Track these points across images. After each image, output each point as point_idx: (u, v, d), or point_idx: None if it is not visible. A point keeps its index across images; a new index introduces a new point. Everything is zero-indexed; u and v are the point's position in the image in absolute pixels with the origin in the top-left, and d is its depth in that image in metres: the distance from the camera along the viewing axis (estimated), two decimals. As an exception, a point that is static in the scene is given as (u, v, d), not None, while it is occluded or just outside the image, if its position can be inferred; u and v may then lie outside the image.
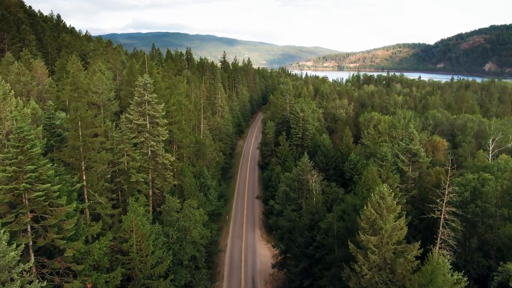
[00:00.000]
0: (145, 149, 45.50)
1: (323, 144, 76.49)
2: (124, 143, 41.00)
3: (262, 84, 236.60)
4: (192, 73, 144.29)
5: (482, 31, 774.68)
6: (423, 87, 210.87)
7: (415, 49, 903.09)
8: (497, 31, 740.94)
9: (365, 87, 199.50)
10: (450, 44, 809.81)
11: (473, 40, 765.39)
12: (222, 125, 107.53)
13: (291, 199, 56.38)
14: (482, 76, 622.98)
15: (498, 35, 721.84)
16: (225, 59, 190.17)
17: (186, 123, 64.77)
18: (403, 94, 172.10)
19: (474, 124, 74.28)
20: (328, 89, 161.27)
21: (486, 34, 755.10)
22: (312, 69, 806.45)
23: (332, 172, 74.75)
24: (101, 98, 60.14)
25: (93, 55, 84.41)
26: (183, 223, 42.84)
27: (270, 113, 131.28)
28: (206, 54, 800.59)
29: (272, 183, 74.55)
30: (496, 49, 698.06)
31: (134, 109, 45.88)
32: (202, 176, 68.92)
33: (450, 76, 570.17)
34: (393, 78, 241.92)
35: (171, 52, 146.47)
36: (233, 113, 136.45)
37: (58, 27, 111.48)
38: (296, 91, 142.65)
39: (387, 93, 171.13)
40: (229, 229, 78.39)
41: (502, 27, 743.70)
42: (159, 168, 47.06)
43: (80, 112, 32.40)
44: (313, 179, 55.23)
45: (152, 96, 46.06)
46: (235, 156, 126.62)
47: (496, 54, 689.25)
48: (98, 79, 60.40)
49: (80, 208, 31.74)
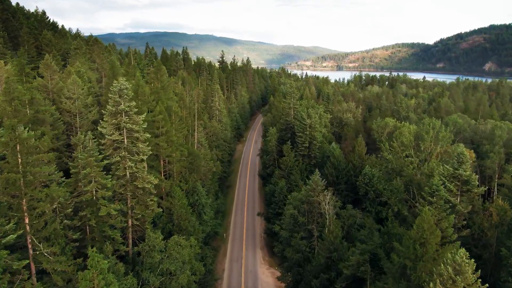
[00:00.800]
0: (121, 171, 36.15)
1: (332, 154, 67.29)
2: (91, 166, 31.68)
3: (262, 85, 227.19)
4: (188, 74, 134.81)
5: (481, 30, 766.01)
6: (429, 88, 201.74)
7: (414, 49, 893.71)
8: (497, 30, 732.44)
9: (369, 88, 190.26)
10: (450, 44, 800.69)
11: (472, 40, 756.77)
12: (219, 130, 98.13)
13: (300, 224, 47.25)
14: (482, 76, 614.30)
15: (498, 34, 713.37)
16: (223, 59, 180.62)
17: (177, 133, 55.51)
18: (409, 96, 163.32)
19: (503, 132, 65.06)
20: (331, 91, 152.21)
21: (485, 33, 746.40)
22: (311, 69, 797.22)
23: (343, 187, 65.57)
24: (75, 105, 50.74)
25: (74, 54, 74.76)
26: (167, 266, 33.59)
27: (271, 117, 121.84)
28: (205, 54, 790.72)
29: (276, 199, 65.38)
30: (495, 49, 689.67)
31: (108, 121, 36.54)
32: (196, 193, 59.67)
33: (450, 75, 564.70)
34: (396, 79, 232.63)
35: (166, 51, 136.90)
36: (231, 116, 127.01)
37: (41, 23, 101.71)
38: (297, 93, 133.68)
39: (393, 94, 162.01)
40: (227, 250, 69.03)
41: (502, 27, 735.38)
42: (140, 193, 37.75)
43: (18, 132, 23.09)
44: (326, 201, 46.14)
45: (130, 105, 36.69)
46: (234, 162, 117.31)
47: (496, 54, 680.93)
48: (73, 82, 50.99)
49: (17, 267, 22.49)
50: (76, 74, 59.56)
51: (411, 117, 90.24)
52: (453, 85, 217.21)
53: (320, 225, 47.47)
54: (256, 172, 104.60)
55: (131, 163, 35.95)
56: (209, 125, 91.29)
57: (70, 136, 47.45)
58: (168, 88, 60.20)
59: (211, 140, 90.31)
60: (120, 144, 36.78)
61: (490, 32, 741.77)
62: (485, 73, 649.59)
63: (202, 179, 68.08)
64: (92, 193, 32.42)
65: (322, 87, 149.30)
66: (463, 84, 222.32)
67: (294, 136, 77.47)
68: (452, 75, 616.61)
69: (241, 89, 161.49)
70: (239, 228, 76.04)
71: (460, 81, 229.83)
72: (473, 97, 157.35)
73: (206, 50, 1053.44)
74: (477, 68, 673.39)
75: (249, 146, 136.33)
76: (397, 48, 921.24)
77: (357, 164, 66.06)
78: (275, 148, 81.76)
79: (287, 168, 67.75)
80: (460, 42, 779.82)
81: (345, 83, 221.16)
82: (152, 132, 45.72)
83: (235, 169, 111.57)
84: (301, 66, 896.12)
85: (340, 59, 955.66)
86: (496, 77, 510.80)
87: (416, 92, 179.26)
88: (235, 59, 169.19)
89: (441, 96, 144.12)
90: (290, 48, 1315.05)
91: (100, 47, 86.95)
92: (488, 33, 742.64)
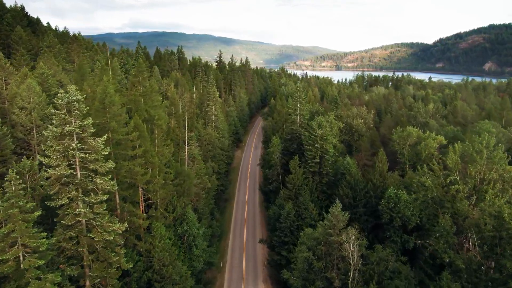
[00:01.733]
0: (69, 220, 25.06)
1: (348, 172, 56.27)
2: (14, 221, 20.63)
3: (261, 85, 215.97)
4: (182, 75, 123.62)
5: (481, 30, 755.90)
6: (438, 89, 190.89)
7: (413, 49, 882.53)
8: (496, 30, 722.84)
9: (374, 90, 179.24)
10: (449, 44, 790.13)
11: (472, 40, 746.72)
12: (216, 138, 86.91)
13: (316, 271, 36.41)
14: (482, 76, 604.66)
15: (497, 34, 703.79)
16: (221, 59, 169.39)
17: (161, 150, 44.49)
18: (418, 98, 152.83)
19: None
20: (336, 92, 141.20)
21: (485, 33, 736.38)
22: (310, 69, 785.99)
23: (362, 211, 54.59)
24: (29, 118, 39.59)
25: (44, 53, 63.40)
26: None
27: (273, 122, 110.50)
28: (203, 54, 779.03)
29: (282, 225, 54.35)
30: (495, 49, 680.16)
31: (53, 147, 25.47)
32: (186, 221, 48.66)
33: (450, 75, 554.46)
34: (400, 79, 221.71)
35: (160, 51, 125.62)
36: (229, 120, 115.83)
37: (17, 19, 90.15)
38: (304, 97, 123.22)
39: (402, 96, 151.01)
40: (223, 282, 58.07)
41: (501, 26, 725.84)
42: (99, 246, 26.73)
43: None
44: (351, 242, 35.31)
45: (84, 124, 25.64)
46: (232, 172, 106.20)
47: (495, 54, 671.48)
48: (27, 88, 39.81)
49: None
50: (39, 77, 48.35)
51: (431, 124, 79.31)
52: (461, 86, 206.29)
53: (342, 272, 36.64)
54: (257, 184, 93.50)
55: (84, 208, 24.85)
56: (204, 133, 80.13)
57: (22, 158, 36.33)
58: (152, 93, 49.02)
59: (206, 150, 79.18)
60: (71, 179, 25.70)
61: (489, 31, 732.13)
62: (485, 73, 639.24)
63: (194, 201, 57.04)
64: (20, 259, 21.37)
65: (326, 89, 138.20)
66: (471, 85, 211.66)
67: (301, 148, 66.40)
68: (452, 75, 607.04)
69: (240, 91, 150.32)
70: (237, 254, 64.99)
71: (467, 82, 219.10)
72: (486, 99, 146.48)
73: (205, 50, 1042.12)
74: (476, 68, 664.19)
75: (248, 152, 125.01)
76: (396, 48, 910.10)
77: (378, 184, 55.13)
78: (279, 161, 70.66)
79: (294, 187, 56.68)
80: (460, 42, 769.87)
81: (347, 84, 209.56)
82: (124, 154, 34.61)
83: (233, 179, 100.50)
84: (300, 66, 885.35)
85: (339, 59, 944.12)
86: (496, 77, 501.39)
87: (426, 94, 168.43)
88: (234, 59, 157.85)
89: (454, 98, 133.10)
90: (289, 48, 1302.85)
91: (80, 45, 75.65)
92: (487, 32, 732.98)
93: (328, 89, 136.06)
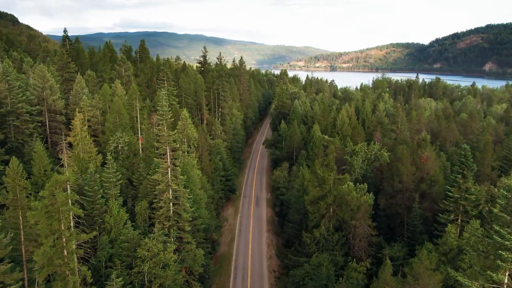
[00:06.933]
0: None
1: None
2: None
3: (259, 93, 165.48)
4: (138, 84, 72.90)
5: (478, 30, 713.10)
6: (487, 97, 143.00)
7: (409, 49, 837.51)
8: (495, 30, 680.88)
9: (423, 103, 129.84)
10: (446, 44, 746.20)
11: (470, 40, 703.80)
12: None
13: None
14: (483, 77, 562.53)
15: (496, 34, 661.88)
16: (205, 59, 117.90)
17: None
18: (480, 113, 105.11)
19: None
20: (369, 108, 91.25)
21: (483, 33, 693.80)
22: (304, 69, 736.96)
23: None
24: None
25: None
26: None
27: (286, 169, 59.98)
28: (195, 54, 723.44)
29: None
30: (495, 49, 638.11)
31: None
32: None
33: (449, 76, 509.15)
34: (432, 85, 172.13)
35: (93, 48, 74.32)
36: (211, 175, 64.03)
37: None
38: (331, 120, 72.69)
39: (470, 114, 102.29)
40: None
41: (500, 26, 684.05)
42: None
43: None
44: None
45: None
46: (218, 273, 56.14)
47: (495, 54, 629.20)
48: None
49: None
50: None
51: None
52: (467, 90, 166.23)
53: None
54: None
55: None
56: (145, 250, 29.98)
57: None
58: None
59: None
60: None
61: (487, 31, 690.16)
62: (485, 74, 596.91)
63: None
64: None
65: (361, 106, 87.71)
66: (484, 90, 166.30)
67: None
68: (451, 76, 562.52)
69: (232, 105, 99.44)
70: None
71: (475, 86, 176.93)
72: None
73: (197, 50, 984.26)
74: (476, 69, 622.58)
75: (247, 223, 66.91)
76: (392, 48, 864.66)
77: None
78: None
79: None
80: (457, 42, 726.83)
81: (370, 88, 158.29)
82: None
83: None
84: (294, 67, 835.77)
85: (333, 59, 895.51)
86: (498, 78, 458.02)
87: (486, 106, 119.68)
88: (223, 58, 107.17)
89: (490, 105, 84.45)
90: (282, 48, 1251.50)
91: None
92: (485, 32, 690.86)
93: (364, 107, 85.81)
